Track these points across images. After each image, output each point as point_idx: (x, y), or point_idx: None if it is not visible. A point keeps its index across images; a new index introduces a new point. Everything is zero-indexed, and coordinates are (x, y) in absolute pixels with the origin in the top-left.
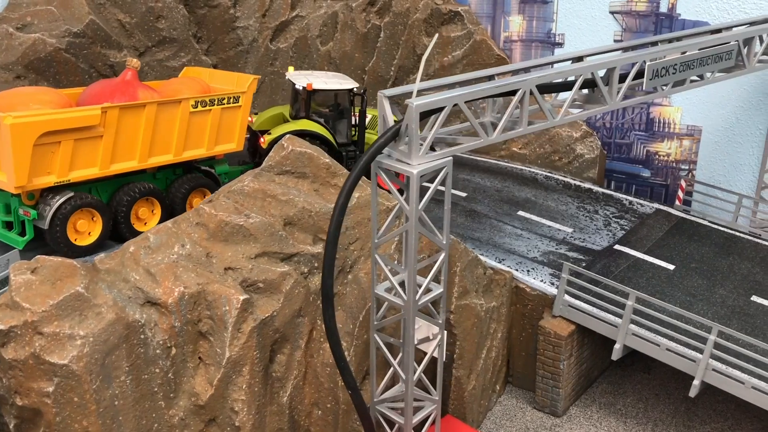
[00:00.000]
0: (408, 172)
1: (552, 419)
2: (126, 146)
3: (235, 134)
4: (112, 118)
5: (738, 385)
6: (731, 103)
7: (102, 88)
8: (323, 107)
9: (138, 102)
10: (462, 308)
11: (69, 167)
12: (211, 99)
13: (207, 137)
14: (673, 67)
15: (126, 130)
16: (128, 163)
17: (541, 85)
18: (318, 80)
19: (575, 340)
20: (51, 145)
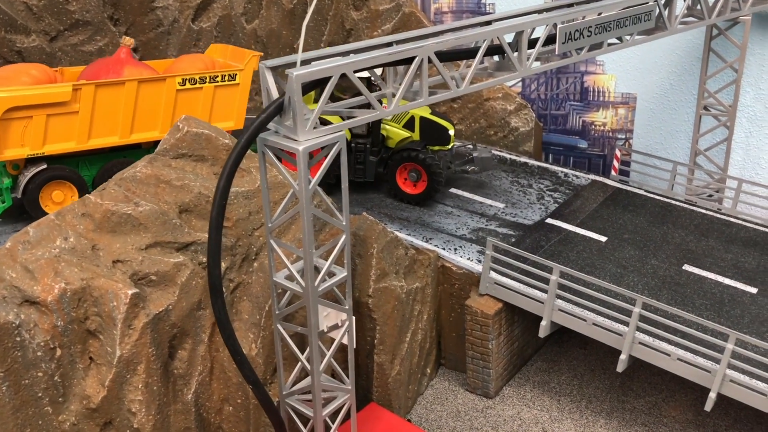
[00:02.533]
0: (293, 149)
1: (484, 401)
2: (105, 122)
3: (233, 112)
4: (87, 94)
5: (664, 358)
6: (664, 69)
7: (99, 66)
8: (343, 93)
9: (114, 80)
10: (381, 291)
11: (43, 141)
12: (202, 77)
13: (199, 115)
14: (587, 29)
15: (104, 106)
16: (108, 138)
17: (444, 53)
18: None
19: (503, 318)
20: (22, 119)
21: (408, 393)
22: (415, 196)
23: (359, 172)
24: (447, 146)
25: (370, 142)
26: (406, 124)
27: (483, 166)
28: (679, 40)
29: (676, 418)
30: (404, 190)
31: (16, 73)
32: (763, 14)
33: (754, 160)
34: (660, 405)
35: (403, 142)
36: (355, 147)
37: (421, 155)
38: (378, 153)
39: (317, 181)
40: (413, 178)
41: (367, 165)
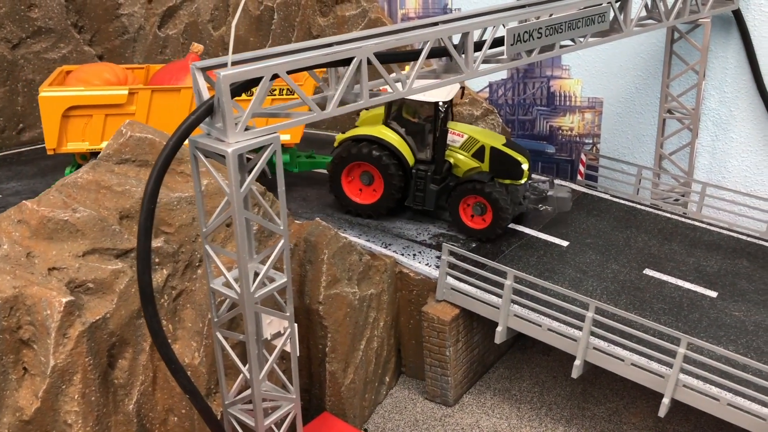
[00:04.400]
0: (222, 151)
1: (443, 409)
2: (160, 125)
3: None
4: (143, 99)
5: (618, 363)
6: (629, 73)
7: (168, 70)
8: (413, 117)
9: (170, 86)
10: (332, 298)
11: (101, 137)
12: None
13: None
14: (537, 31)
15: (159, 110)
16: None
17: (387, 54)
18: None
19: (461, 324)
20: (82, 117)
21: (364, 402)
22: (478, 231)
23: (419, 199)
24: (519, 181)
25: (433, 170)
26: (476, 153)
27: (558, 206)
28: (643, 43)
29: (636, 425)
30: (466, 223)
31: (90, 74)
32: (725, 17)
33: (720, 164)
34: (620, 412)
35: (471, 172)
36: (416, 173)
37: (487, 188)
38: (440, 181)
39: (249, 184)
40: (477, 211)
41: (427, 193)
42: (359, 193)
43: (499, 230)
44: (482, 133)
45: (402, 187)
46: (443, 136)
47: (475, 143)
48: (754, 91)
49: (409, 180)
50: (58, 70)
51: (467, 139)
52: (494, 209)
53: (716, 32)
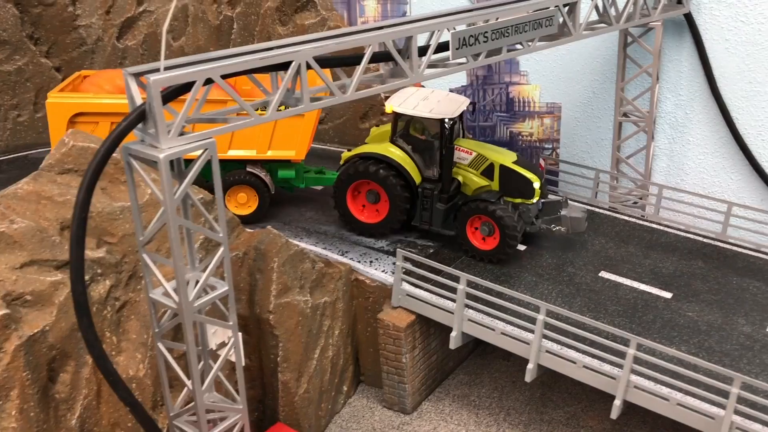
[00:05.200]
0: (154, 157)
1: (401, 417)
2: None
3: (296, 142)
4: None
5: (570, 365)
6: (586, 78)
7: None
8: (420, 134)
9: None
10: (282, 307)
11: None
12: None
13: (258, 140)
14: (483, 35)
15: None
16: None
17: (330, 59)
18: (409, 101)
19: (418, 331)
20: (89, 124)
21: (320, 411)
22: (486, 252)
23: (425, 218)
24: (530, 200)
25: (440, 188)
26: (485, 171)
27: (572, 227)
28: (599, 48)
29: (594, 428)
30: (473, 243)
31: (103, 80)
32: (677, 21)
33: (678, 167)
34: (579, 415)
35: (480, 191)
36: (422, 192)
37: (492, 207)
38: (448, 200)
39: (185, 190)
40: (484, 231)
41: (434, 212)
42: (365, 212)
43: (508, 251)
44: (492, 150)
45: (408, 206)
46: (450, 154)
47: (484, 161)
48: (709, 93)
49: (415, 199)
50: (75, 74)
51: (476, 156)
52: (501, 229)
53: (669, 36)
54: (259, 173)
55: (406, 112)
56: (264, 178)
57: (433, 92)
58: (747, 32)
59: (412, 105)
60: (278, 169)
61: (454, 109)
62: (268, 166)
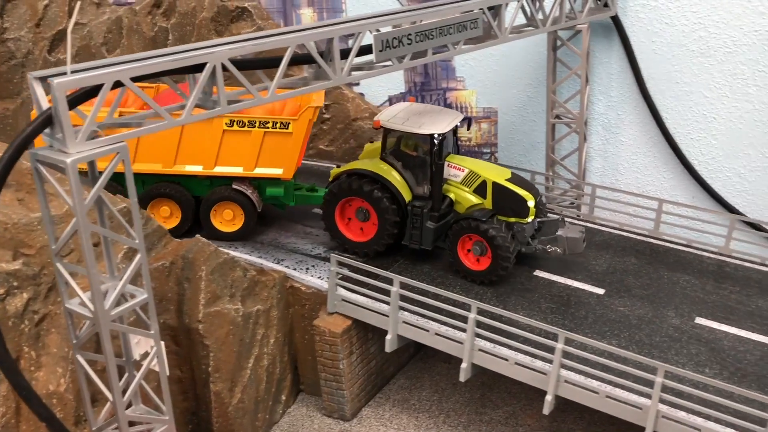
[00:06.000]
0: (61, 162)
1: (341, 424)
2: (150, 150)
3: (284, 160)
4: None
5: (502, 363)
6: (521, 82)
7: (167, 93)
8: (412, 150)
9: None
10: (212, 316)
11: None
12: (251, 120)
13: (245, 157)
14: (406, 37)
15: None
16: (152, 165)
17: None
18: (399, 116)
19: (354, 336)
20: None
21: (257, 422)
22: (478, 273)
23: (415, 237)
24: (525, 219)
25: (429, 206)
26: (477, 189)
27: (569, 247)
28: (531, 53)
29: (532, 426)
30: (465, 264)
31: None
32: (605, 24)
33: (612, 167)
34: (517, 414)
35: (473, 209)
36: (411, 210)
37: (484, 226)
38: (439, 219)
39: (95, 195)
40: (476, 251)
41: (423, 231)
42: (353, 230)
43: (501, 272)
44: (485, 167)
45: (398, 225)
46: (439, 170)
47: (477, 178)
48: (638, 94)
49: (405, 217)
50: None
51: (468, 173)
52: (493, 249)
53: (598, 38)
54: (245, 190)
55: (394, 127)
56: (250, 195)
57: (425, 107)
58: (672, 34)
59: (402, 120)
60: (266, 187)
61: (445, 125)
62: (257, 183)
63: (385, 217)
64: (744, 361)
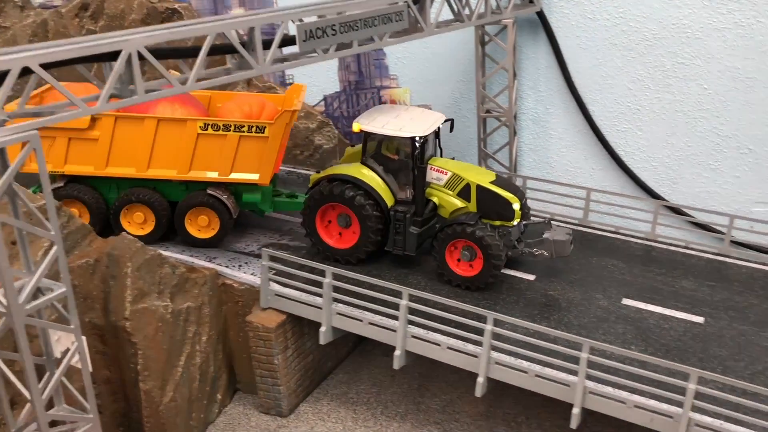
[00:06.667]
0: None
1: (278, 420)
2: (123, 153)
3: (260, 165)
4: (106, 125)
5: (435, 348)
6: (453, 79)
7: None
8: (393, 154)
9: (134, 114)
10: (140, 313)
11: (64, 160)
12: (226, 124)
13: (220, 162)
14: (330, 28)
15: (123, 138)
16: (125, 169)
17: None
18: (378, 119)
19: (289, 331)
20: (46, 138)
21: (192, 421)
22: (468, 279)
23: (399, 243)
24: (510, 222)
25: (412, 211)
26: (461, 192)
27: (556, 251)
28: (462, 50)
29: (469, 413)
30: (455, 271)
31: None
32: (532, 19)
33: (543, 160)
34: (455, 402)
35: (457, 213)
36: (394, 215)
37: (474, 230)
38: (422, 223)
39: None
40: (466, 257)
41: (407, 237)
42: (335, 237)
43: (492, 276)
44: (468, 170)
45: (381, 230)
46: (422, 174)
47: (460, 181)
48: (566, 88)
49: (388, 222)
50: (45, 86)
51: (451, 176)
52: (485, 253)
53: (525, 34)
54: (221, 196)
55: (374, 131)
56: (226, 201)
57: (407, 109)
58: (595, 29)
59: (382, 123)
60: (243, 193)
61: (426, 127)
62: (233, 189)
63: (367, 223)
64: (668, 337)
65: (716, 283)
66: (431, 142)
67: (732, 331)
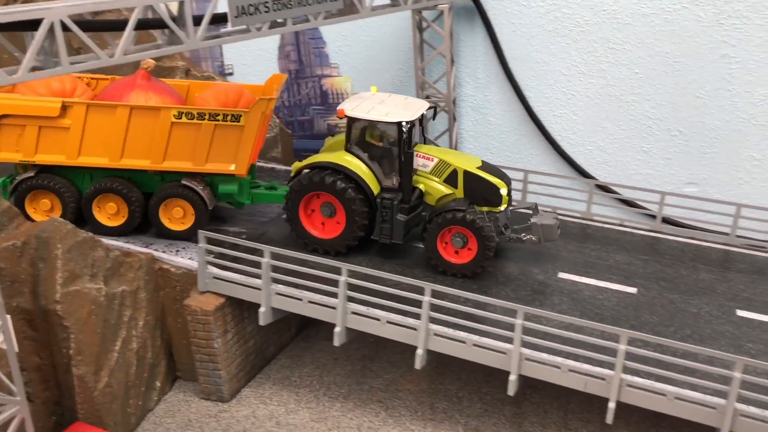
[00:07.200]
0: None
1: (219, 405)
2: (96, 143)
3: (236, 155)
4: (78, 113)
5: (375, 323)
6: (394, 67)
7: (116, 85)
8: (377, 141)
9: (106, 102)
10: (71, 296)
11: (35, 150)
12: (200, 113)
13: (195, 152)
14: (263, 5)
15: (95, 127)
16: (98, 158)
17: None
18: (363, 105)
19: (228, 314)
20: (15, 127)
21: (129, 408)
22: (461, 266)
23: (386, 232)
24: (498, 208)
25: (399, 198)
26: (448, 178)
27: (544, 235)
28: (402, 37)
29: (411, 390)
30: (447, 259)
31: (39, 81)
32: (468, 6)
33: (484, 147)
34: (397, 381)
35: (444, 199)
36: (380, 203)
37: (469, 216)
38: (409, 211)
39: None
40: (458, 244)
41: (394, 225)
42: (319, 227)
43: (485, 262)
44: (455, 156)
45: (367, 219)
46: (409, 160)
47: (447, 167)
48: (503, 75)
49: (374, 211)
50: None
51: (438, 162)
52: (479, 239)
53: (463, 21)
54: (196, 187)
55: (360, 116)
56: (201, 192)
57: (390, 96)
58: (530, 15)
59: (367, 109)
60: (219, 184)
61: (412, 113)
62: (210, 180)
63: (354, 212)
64: (602, 306)
65: (649, 257)
66: (416, 128)
67: (663, 300)
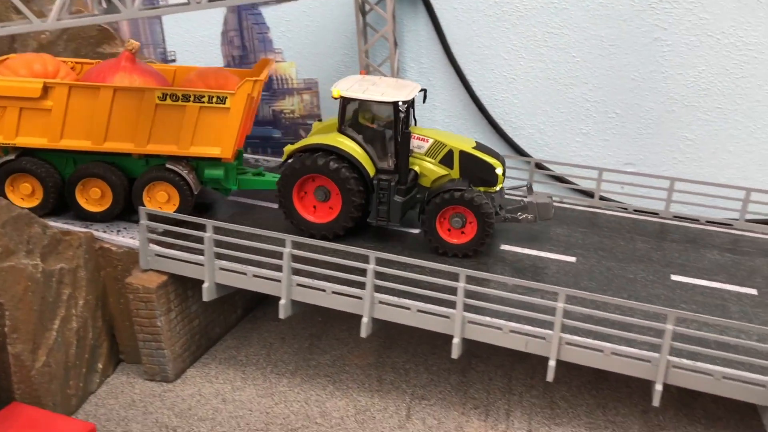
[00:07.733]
0: None
1: (164, 386)
2: (79, 125)
3: (221, 138)
4: (60, 95)
5: (319, 294)
6: (339, 52)
7: (101, 67)
8: (370, 122)
9: (89, 83)
10: (5, 271)
11: (16, 132)
12: (185, 94)
13: (179, 135)
14: None
15: (78, 109)
16: (81, 142)
17: None
18: (356, 87)
19: (172, 292)
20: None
21: (69, 389)
22: (460, 246)
23: (382, 214)
24: (493, 188)
25: (396, 179)
26: (444, 159)
27: (539, 214)
28: (346, 22)
29: (359, 364)
30: (447, 240)
31: (20, 64)
32: None
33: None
34: (345, 356)
35: (440, 180)
36: (377, 184)
37: (469, 195)
38: (406, 192)
39: None
40: (457, 224)
41: (391, 206)
42: (310, 211)
43: (485, 241)
44: (450, 137)
45: (363, 202)
46: (405, 141)
47: (443, 148)
48: (446, 60)
49: (370, 193)
50: (2, 57)
51: (433, 143)
52: (480, 218)
53: (406, 6)
54: (180, 171)
55: (355, 96)
56: (186, 176)
57: (381, 78)
58: (471, 0)
59: (362, 89)
60: (205, 168)
61: (407, 93)
62: (195, 164)
63: (350, 194)
64: (542, 274)
65: (588, 230)
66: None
67: (601, 267)
